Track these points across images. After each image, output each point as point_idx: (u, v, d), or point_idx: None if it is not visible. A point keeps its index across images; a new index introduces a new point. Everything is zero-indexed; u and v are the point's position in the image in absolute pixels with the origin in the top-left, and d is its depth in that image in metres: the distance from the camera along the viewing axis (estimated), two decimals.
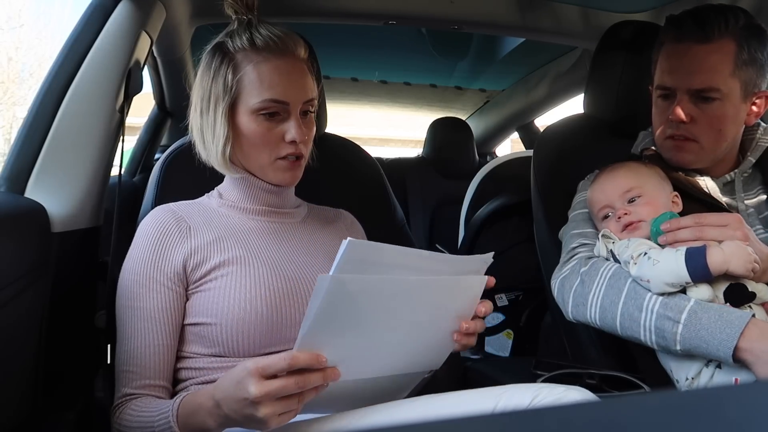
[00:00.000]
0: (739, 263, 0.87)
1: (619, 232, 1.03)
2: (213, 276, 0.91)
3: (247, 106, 0.94)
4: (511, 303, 1.84)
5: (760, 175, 1.14)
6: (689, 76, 1.05)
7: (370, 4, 1.68)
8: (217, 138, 0.95)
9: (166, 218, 0.95)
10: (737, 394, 0.25)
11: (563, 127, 1.44)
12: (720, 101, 1.04)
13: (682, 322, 0.89)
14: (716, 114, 1.05)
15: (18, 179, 0.97)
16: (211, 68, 0.96)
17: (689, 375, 0.92)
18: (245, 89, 0.94)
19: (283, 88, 0.94)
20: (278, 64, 0.95)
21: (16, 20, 11.31)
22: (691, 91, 1.05)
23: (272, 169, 0.98)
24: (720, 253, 0.88)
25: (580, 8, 1.71)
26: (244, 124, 0.95)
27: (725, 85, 1.03)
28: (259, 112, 0.94)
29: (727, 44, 1.03)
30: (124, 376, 0.88)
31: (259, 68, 0.94)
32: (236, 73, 0.94)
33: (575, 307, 1.04)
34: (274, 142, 0.96)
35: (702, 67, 1.04)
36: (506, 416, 0.24)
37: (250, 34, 0.95)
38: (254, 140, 0.95)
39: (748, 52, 1.03)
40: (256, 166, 0.99)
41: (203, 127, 0.97)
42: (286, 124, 0.95)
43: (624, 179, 1.06)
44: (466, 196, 2.16)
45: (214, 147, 0.96)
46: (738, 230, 0.92)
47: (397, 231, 1.32)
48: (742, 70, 1.04)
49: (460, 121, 2.75)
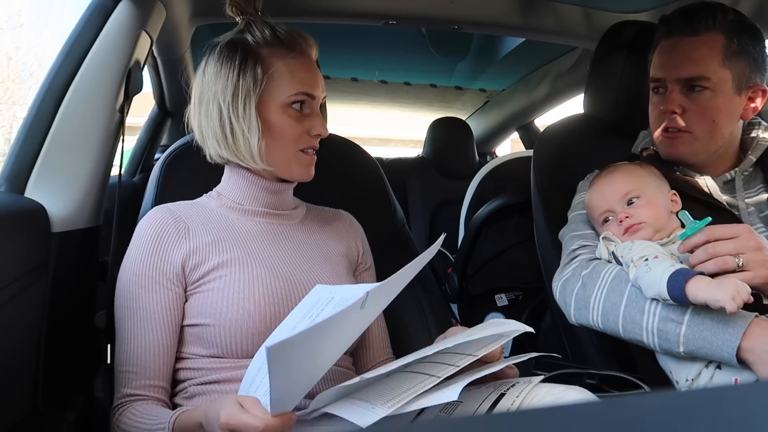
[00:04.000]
0: (719, 298, 0.81)
1: (622, 235, 1.03)
2: (211, 277, 0.91)
3: (277, 100, 0.95)
4: (511, 303, 1.84)
5: (761, 174, 1.14)
6: (678, 66, 1.08)
7: (370, 4, 1.68)
8: (252, 131, 0.94)
9: (165, 218, 0.95)
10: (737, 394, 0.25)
11: (563, 127, 1.44)
12: (711, 91, 1.06)
13: (685, 323, 0.88)
14: (708, 104, 1.06)
15: (18, 179, 0.97)
16: (234, 63, 0.95)
17: (689, 376, 0.92)
18: (275, 83, 0.95)
19: (310, 82, 0.98)
20: (304, 61, 0.98)
21: (16, 20, 11.32)
22: (681, 80, 1.08)
23: (296, 162, 0.99)
24: (703, 285, 0.83)
25: (581, 8, 1.71)
26: (275, 117, 0.96)
27: (715, 74, 1.05)
28: (291, 105, 0.96)
29: (714, 37, 1.06)
30: (124, 377, 0.88)
31: (288, 63, 0.96)
32: (266, 68, 0.95)
33: (578, 310, 1.03)
34: (300, 135, 0.98)
35: (690, 57, 1.06)
36: (506, 416, 0.24)
37: (271, 30, 0.97)
38: (284, 132, 0.96)
39: (738, 45, 1.05)
40: (282, 159, 0.98)
41: (231, 121, 0.95)
42: (311, 119, 0.98)
43: (621, 182, 1.06)
44: (466, 196, 2.16)
45: (246, 142, 0.95)
46: (750, 240, 0.89)
47: (397, 231, 1.32)
48: (732, 61, 1.05)
49: (460, 121, 2.74)
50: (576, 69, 2.22)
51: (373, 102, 2.98)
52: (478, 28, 1.88)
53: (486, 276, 1.88)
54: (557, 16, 1.75)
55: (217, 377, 0.89)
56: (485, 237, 1.87)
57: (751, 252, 0.88)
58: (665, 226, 1.02)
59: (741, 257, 0.88)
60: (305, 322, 0.81)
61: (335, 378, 0.94)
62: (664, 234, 1.02)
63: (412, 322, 1.20)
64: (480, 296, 1.87)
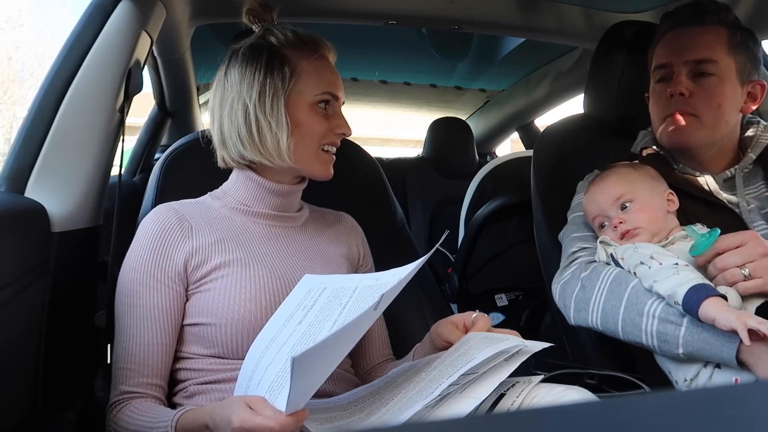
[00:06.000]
0: (726, 323, 0.81)
1: (619, 240, 1.03)
2: (213, 277, 0.92)
3: (306, 99, 0.97)
4: (511, 303, 1.84)
5: (762, 172, 1.14)
6: (687, 49, 1.10)
7: (370, 4, 1.68)
8: (282, 128, 0.96)
9: (168, 217, 0.95)
10: (737, 394, 0.25)
11: (563, 127, 1.44)
12: (717, 78, 1.08)
13: (684, 325, 0.88)
14: (714, 90, 1.08)
15: (18, 179, 0.97)
16: (260, 64, 0.96)
17: (688, 376, 0.92)
18: (302, 82, 0.97)
19: (335, 83, 1.01)
20: (326, 63, 1.01)
21: (16, 20, 11.32)
22: (689, 62, 1.09)
23: (317, 160, 1.00)
24: (717, 307, 0.83)
25: (581, 8, 1.71)
26: (303, 116, 0.97)
27: (722, 60, 1.08)
28: (318, 104, 0.98)
29: (719, 29, 1.09)
30: (122, 374, 0.88)
31: (314, 64, 0.99)
32: (293, 67, 0.97)
33: (577, 312, 1.03)
34: (325, 132, 0.99)
35: (698, 42, 1.09)
36: (506, 416, 0.24)
37: (292, 32, 1.00)
38: (312, 130, 0.98)
39: (741, 39, 1.09)
40: (306, 157, 0.99)
41: (257, 120, 0.95)
42: (335, 118, 1.01)
43: (613, 187, 1.06)
44: (466, 196, 2.16)
45: (274, 138, 0.96)
46: (758, 247, 0.88)
47: (397, 231, 1.32)
48: (736, 52, 1.09)
49: (460, 121, 2.74)
50: (576, 69, 2.22)
51: (373, 102, 2.98)
52: (478, 28, 1.88)
53: (486, 276, 1.88)
54: (557, 16, 1.75)
55: (217, 377, 0.89)
56: (485, 237, 1.87)
57: (759, 259, 0.88)
58: (662, 229, 1.02)
59: (748, 266, 0.87)
60: (299, 313, 0.81)
61: (335, 376, 0.94)
62: (661, 236, 1.01)
63: (412, 322, 1.20)
64: (480, 296, 1.87)
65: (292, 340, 0.79)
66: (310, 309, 0.81)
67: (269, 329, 0.82)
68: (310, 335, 0.78)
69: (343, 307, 0.80)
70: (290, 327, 0.81)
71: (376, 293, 0.77)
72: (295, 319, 0.82)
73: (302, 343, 0.77)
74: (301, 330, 0.79)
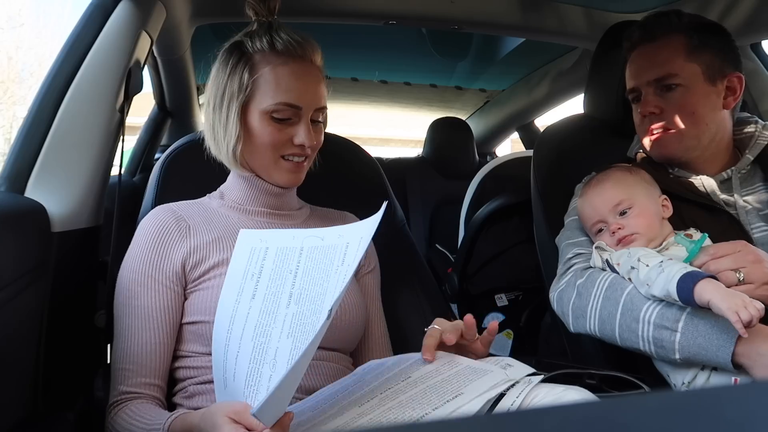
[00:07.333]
0: (720, 306, 0.81)
1: (615, 246, 1.03)
2: (211, 275, 0.92)
3: (260, 106, 0.95)
4: (511, 303, 1.84)
5: (761, 173, 1.13)
6: (646, 70, 1.12)
7: (370, 4, 1.68)
8: (229, 135, 0.96)
9: (166, 218, 0.95)
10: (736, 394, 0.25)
11: (563, 127, 1.44)
12: (683, 87, 1.09)
13: (680, 330, 0.89)
14: (682, 100, 1.09)
15: (18, 179, 0.97)
16: (227, 66, 0.96)
17: (685, 380, 0.92)
18: (260, 90, 0.95)
19: (298, 92, 0.95)
20: (295, 69, 0.96)
21: (16, 20, 11.31)
22: (651, 83, 1.11)
23: (276, 168, 0.98)
24: (709, 288, 0.83)
25: (581, 8, 1.71)
26: (255, 123, 0.95)
27: (682, 70, 1.09)
28: (272, 114, 0.95)
29: (673, 38, 1.10)
30: (121, 374, 0.89)
31: (276, 71, 0.95)
32: (253, 73, 0.95)
33: (575, 320, 1.04)
34: (282, 143, 0.96)
35: (654, 60, 1.11)
36: (506, 416, 0.24)
37: (270, 37, 0.96)
38: (263, 140, 0.96)
39: (699, 40, 1.09)
40: (261, 165, 0.99)
41: (215, 123, 0.97)
42: (296, 127, 0.96)
43: (612, 192, 1.05)
44: (466, 196, 2.16)
45: (225, 144, 0.97)
46: (749, 254, 0.91)
47: (397, 231, 1.32)
48: (696, 55, 1.09)
49: (460, 121, 2.74)
50: (576, 69, 2.22)
51: (373, 102, 2.98)
52: (478, 28, 1.88)
53: (486, 276, 1.87)
54: (557, 16, 1.75)
55: None
56: (485, 237, 1.86)
57: (750, 265, 0.90)
58: (658, 235, 1.02)
59: (742, 271, 0.89)
60: (250, 283, 0.80)
61: (335, 374, 0.94)
62: (657, 242, 1.01)
63: (412, 322, 1.20)
64: (480, 296, 1.87)
65: (250, 323, 0.78)
66: (259, 277, 0.80)
67: (224, 306, 0.82)
68: (268, 312, 0.77)
69: (294, 276, 0.79)
70: (244, 303, 0.80)
71: (323, 256, 0.75)
72: (246, 292, 0.81)
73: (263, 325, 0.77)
74: (257, 307, 0.78)
